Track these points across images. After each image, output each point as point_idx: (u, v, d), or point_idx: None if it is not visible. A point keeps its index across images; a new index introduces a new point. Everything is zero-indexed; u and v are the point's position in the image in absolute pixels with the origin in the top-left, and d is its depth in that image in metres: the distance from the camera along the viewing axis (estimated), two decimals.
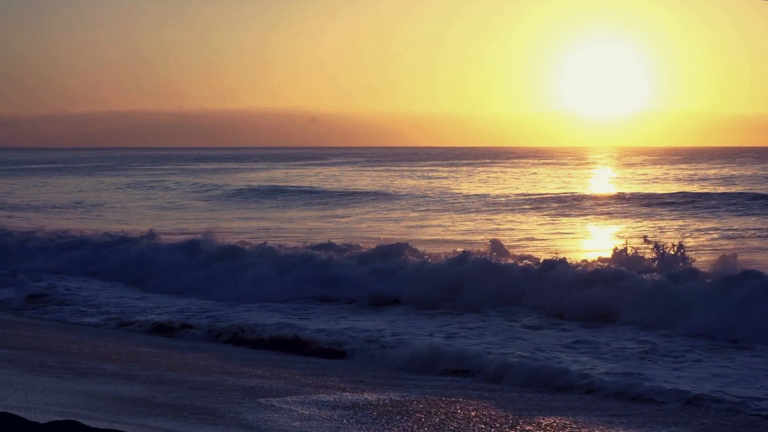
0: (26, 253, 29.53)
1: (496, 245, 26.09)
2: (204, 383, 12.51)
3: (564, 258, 23.00)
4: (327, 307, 21.47)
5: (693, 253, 28.46)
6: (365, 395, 12.18)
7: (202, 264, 25.87)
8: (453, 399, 12.16)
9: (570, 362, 14.68)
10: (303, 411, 10.93)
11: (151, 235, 30.60)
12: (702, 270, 20.92)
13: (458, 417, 11.09)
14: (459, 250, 25.07)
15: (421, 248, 27.08)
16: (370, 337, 17.05)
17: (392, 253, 24.81)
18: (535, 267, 22.48)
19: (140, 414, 9.99)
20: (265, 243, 27.92)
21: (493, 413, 11.40)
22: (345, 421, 10.62)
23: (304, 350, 16.47)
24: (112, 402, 10.55)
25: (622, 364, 14.68)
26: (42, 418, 7.89)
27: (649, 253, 23.30)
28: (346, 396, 12.08)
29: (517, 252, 26.94)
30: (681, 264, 22.21)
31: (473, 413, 11.34)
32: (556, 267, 21.87)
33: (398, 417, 10.96)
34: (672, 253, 22.74)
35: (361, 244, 28.08)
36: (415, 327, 18.55)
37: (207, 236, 28.86)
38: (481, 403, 12.01)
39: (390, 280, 22.78)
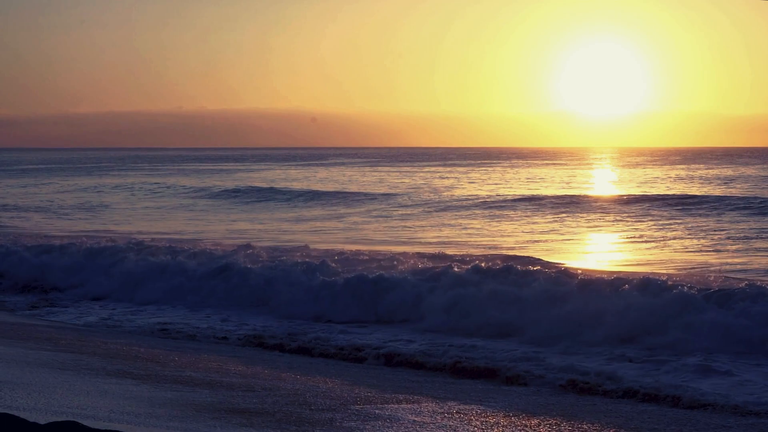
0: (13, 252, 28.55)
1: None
2: (287, 390, 12.08)
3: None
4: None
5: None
6: (473, 405, 11.75)
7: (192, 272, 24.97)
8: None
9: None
10: (415, 418, 10.47)
11: (137, 243, 29.25)
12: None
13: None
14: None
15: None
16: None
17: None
18: None
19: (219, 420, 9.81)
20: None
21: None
22: (470, 427, 10.32)
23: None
24: (188, 409, 10.26)
25: None
26: (94, 423, 7.71)
27: None
28: (453, 405, 11.60)
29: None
30: None
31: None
32: None
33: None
34: None
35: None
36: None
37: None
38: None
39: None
